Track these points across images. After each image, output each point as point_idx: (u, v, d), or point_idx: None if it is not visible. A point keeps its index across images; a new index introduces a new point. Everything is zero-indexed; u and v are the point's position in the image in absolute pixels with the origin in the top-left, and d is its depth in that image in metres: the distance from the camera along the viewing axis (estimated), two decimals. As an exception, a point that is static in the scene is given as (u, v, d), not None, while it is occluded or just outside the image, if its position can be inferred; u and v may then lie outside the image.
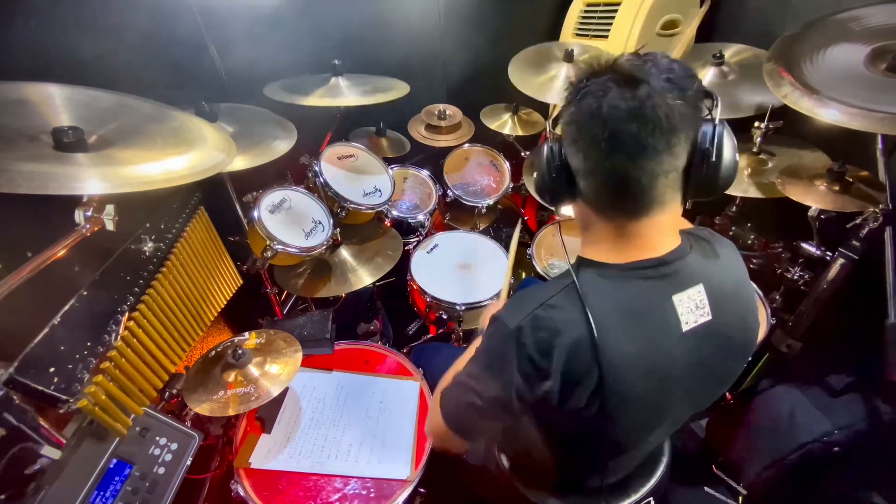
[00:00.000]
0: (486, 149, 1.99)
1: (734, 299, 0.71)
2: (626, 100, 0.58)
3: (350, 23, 1.75)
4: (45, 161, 0.74)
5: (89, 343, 0.86)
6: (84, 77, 0.98)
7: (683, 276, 0.67)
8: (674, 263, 0.67)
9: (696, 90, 0.61)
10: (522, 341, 0.65)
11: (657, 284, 0.66)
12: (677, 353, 0.67)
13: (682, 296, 0.66)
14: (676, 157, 0.62)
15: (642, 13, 1.78)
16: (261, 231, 1.20)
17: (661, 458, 1.03)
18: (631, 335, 0.65)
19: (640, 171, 0.61)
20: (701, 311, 0.67)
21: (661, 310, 0.66)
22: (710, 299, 0.68)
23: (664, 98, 0.58)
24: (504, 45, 1.90)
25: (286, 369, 1.08)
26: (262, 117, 1.46)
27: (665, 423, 0.77)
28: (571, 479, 0.96)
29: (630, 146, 0.60)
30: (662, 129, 0.59)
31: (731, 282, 0.72)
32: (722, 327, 0.69)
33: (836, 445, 1.23)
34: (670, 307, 0.66)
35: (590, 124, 0.62)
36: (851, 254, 1.19)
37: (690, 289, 0.67)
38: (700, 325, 0.67)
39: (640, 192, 0.63)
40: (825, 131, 1.17)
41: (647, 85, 0.58)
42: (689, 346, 0.68)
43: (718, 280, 0.69)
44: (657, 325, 0.66)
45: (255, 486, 1.03)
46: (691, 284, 0.67)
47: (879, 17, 1.18)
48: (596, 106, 0.60)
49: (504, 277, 1.24)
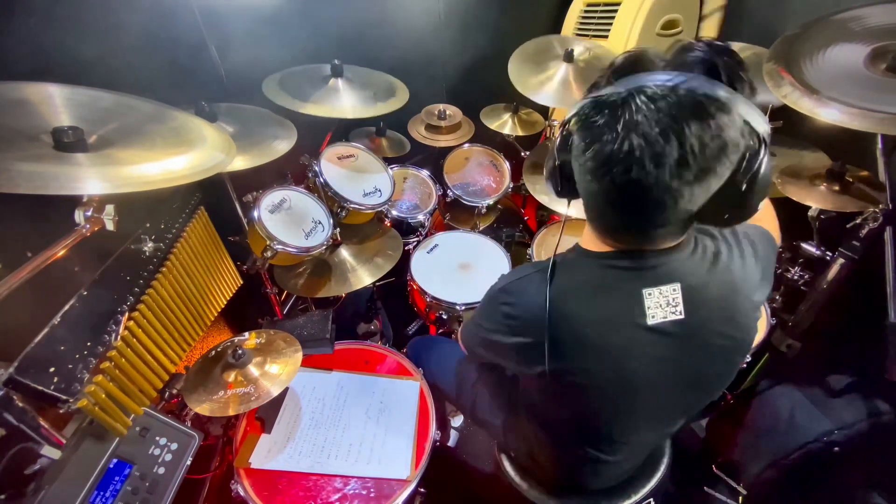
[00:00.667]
0: (486, 149, 1.99)
1: (719, 305, 0.69)
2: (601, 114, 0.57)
3: (350, 23, 1.75)
4: (45, 161, 0.74)
5: (89, 343, 0.86)
6: (84, 77, 0.97)
7: (660, 273, 0.67)
8: (652, 259, 0.66)
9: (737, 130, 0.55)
10: (500, 300, 0.78)
11: (628, 275, 0.67)
12: (638, 342, 0.69)
13: (653, 290, 0.66)
14: (693, 202, 0.58)
15: (642, 13, 1.78)
16: (261, 231, 1.20)
17: (661, 458, 1.03)
18: (588, 304, 0.69)
19: (647, 224, 0.63)
20: (672, 308, 0.67)
21: (627, 295, 0.67)
22: (685, 298, 0.67)
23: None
24: (504, 45, 1.89)
25: (286, 369, 1.08)
26: (262, 117, 1.46)
27: (640, 418, 0.79)
28: (569, 478, 0.96)
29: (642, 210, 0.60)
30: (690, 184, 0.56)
31: (721, 285, 0.69)
32: (696, 329, 0.69)
33: (836, 445, 1.23)
34: (637, 296, 0.67)
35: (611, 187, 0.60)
36: (851, 254, 1.19)
37: (664, 286, 0.67)
38: (669, 321, 0.67)
39: (640, 235, 0.65)
40: (825, 131, 1.17)
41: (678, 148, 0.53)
42: (652, 340, 0.68)
43: (702, 282, 0.68)
44: (618, 307, 0.68)
45: (255, 486, 1.03)
46: (666, 282, 0.67)
47: (879, 17, 1.18)
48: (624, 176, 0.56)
49: None
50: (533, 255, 1.66)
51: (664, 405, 0.79)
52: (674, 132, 0.53)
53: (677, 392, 0.76)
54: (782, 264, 1.46)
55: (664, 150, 0.53)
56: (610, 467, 0.91)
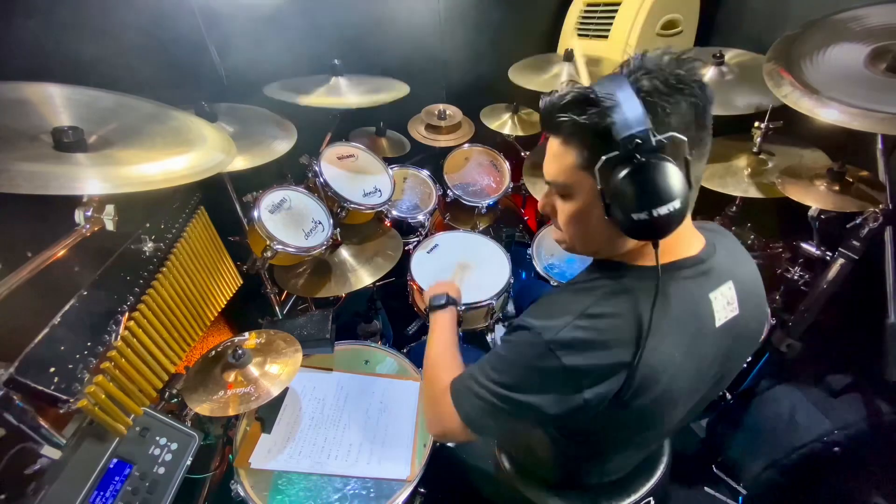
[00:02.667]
0: (486, 149, 1.99)
1: (754, 291, 0.73)
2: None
3: (350, 23, 1.75)
4: (45, 161, 0.74)
5: (89, 343, 0.85)
6: (84, 77, 0.97)
7: (717, 274, 0.68)
8: (709, 261, 0.67)
9: None
10: (558, 355, 0.61)
11: (697, 283, 0.66)
12: (710, 350, 0.69)
13: (716, 293, 0.67)
14: None
15: (642, 13, 1.78)
16: (261, 231, 1.20)
17: (661, 458, 1.03)
18: (676, 341, 0.64)
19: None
20: (731, 306, 0.69)
21: (700, 309, 0.66)
22: (738, 294, 0.69)
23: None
24: (504, 45, 1.90)
25: (286, 369, 1.08)
26: (262, 117, 1.46)
27: (675, 420, 0.78)
28: (571, 478, 0.96)
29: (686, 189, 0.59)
30: None
31: (750, 273, 0.74)
32: (745, 319, 0.71)
33: (836, 445, 1.23)
34: (707, 304, 0.66)
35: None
36: (851, 254, 1.19)
37: (723, 285, 0.68)
38: (729, 319, 0.69)
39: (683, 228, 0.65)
40: (825, 131, 1.17)
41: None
42: (718, 341, 0.69)
43: (742, 274, 0.71)
44: (697, 327, 0.66)
45: (255, 486, 1.03)
46: (724, 281, 0.68)
47: (879, 17, 1.18)
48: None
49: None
50: (533, 254, 1.66)
51: (698, 402, 0.78)
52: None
53: (710, 388, 0.76)
54: (782, 264, 1.46)
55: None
56: (619, 469, 0.91)
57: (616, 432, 0.74)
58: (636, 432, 0.76)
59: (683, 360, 0.65)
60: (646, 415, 0.67)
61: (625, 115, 0.55)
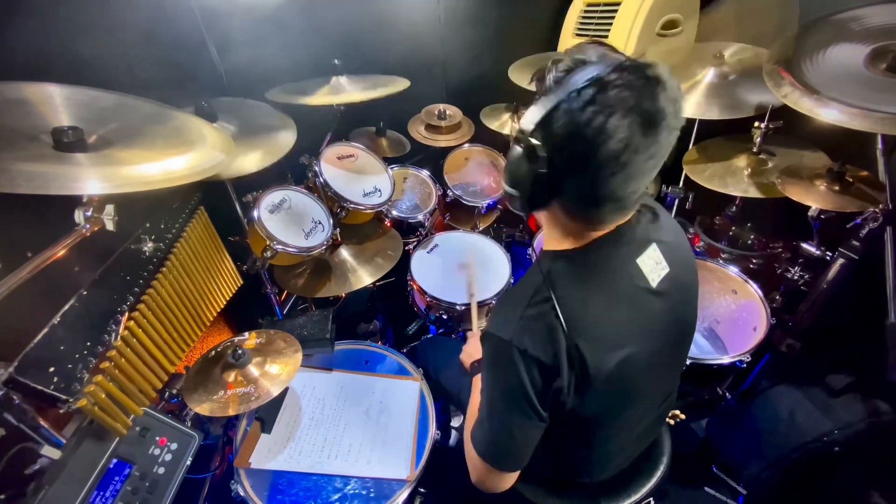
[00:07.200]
0: (486, 149, 1.99)
1: (681, 251, 0.80)
2: (646, 141, 0.59)
3: (350, 23, 1.75)
4: (45, 161, 0.74)
5: (89, 343, 0.85)
6: (84, 77, 0.97)
7: (637, 241, 0.74)
8: (628, 233, 0.73)
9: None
10: (524, 348, 0.66)
11: (617, 252, 0.72)
12: (656, 307, 0.74)
13: (643, 257, 0.73)
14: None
15: (642, 13, 1.78)
16: (261, 231, 1.20)
17: (661, 457, 1.03)
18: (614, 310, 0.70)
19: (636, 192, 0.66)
20: (660, 265, 0.75)
21: (630, 276, 0.72)
22: (664, 252, 0.75)
23: (672, 135, 0.62)
24: (504, 45, 1.90)
25: (286, 369, 1.08)
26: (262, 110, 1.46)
27: (652, 388, 0.83)
28: (564, 470, 0.95)
29: (638, 179, 0.63)
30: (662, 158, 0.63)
31: (672, 231, 0.80)
32: (677, 270, 0.77)
33: (836, 445, 1.23)
34: (636, 270, 0.72)
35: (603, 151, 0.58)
36: (851, 254, 1.19)
37: (647, 249, 0.74)
38: (664, 277, 0.75)
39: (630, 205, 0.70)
40: (825, 131, 1.17)
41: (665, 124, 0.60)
42: (661, 297, 0.74)
43: (664, 235, 0.77)
44: (632, 292, 0.72)
45: (255, 486, 1.03)
46: (646, 246, 0.74)
47: (879, 17, 1.18)
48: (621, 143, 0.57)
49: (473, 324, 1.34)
50: (533, 255, 1.66)
51: (669, 365, 0.83)
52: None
53: (675, 348, 0.82)
54: (782, 264, 1.46)
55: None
56: (611, 456, 0.91)
57: (596, 408, 0.75)
58: (616, 402, 0.77)
59: (630, 324, 0.71)
60: (614, 381, 0.70)
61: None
